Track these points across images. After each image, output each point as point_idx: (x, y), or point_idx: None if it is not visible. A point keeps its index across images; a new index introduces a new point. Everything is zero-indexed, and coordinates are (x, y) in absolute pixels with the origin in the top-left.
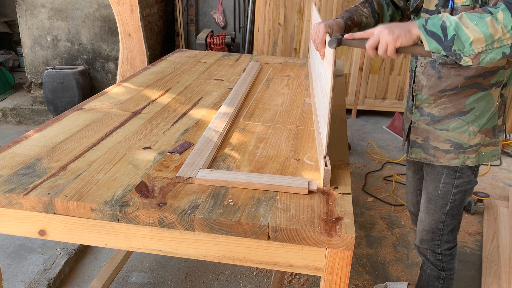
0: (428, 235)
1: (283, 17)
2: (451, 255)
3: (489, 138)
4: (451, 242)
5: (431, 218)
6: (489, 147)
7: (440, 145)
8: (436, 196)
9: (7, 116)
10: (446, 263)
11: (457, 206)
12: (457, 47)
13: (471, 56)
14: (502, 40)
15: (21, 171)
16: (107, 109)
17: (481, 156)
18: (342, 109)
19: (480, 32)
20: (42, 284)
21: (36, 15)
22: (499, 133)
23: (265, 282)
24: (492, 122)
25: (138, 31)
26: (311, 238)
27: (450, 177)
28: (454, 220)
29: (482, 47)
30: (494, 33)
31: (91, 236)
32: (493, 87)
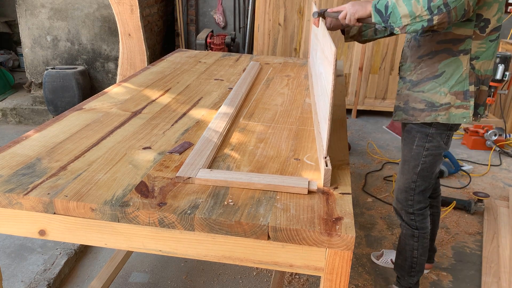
0: (402, 194)
1: (283, 17)
2: (422, 215)
3: (460, 101)
4: (422, 203)
5: (405, 177)
6: (460, 109)
7: (417, 105)
8: (409, 157)
9: (7, 116)
10: (419, 222)
11: (427, 168)
12: (392, 20)
13: (400, 27)
14: (421, 16)
15: (21, 171)
16: (107, 109)
17: (452, 116)
18: (342, 109)
19: (407, 10)
20: (42, 284)
21: (36, 15)
22: (471, 98)
23: (265, 282)
24: (462, 86)
25: (138, 31)
26: (311, 238)
27: (422, 140)
28: (424, 181)
29: (407, 21)
30: (415, 11)
31: (91, 236)
32: (461, 53)
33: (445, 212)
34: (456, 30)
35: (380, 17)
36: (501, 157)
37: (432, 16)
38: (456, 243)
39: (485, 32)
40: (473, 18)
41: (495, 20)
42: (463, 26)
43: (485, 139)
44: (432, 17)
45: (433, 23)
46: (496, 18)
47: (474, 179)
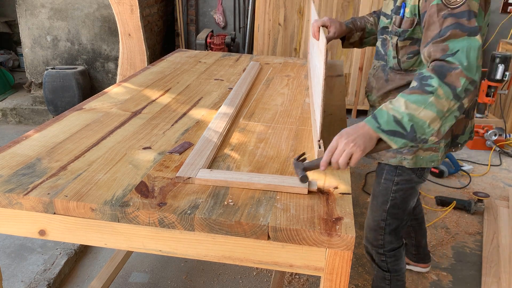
0: (372, 233)
1: (283, 17)
2: (395, 256)
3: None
4: (394, 243)
5: (374, 215)
6: (428, 152)
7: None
8: (378, 192)
9: (7, 116)
10: (391, 264)
11: (398, 205)
12: (420, 133)
13: (434, 134)
14: (451, 109)
15: (21, 171)
16: (107, 109)
17: (419, 159)
18: (342, 109)
19: (432, 112)
20: (42, 284)
21: (36, 15)
22: (441, 140)
23: (265, 282)
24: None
25: (138, 31)
26: (311, 238)
27: (390, 173)
28: (396, 219)
29: (438, 123)
30: (442, 108)
31: (91, 236)
32: None
33: (445, 212)
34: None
35: (403, 137)
36: (501, 157)
37: (461, 101)
38: (456, 243)
39: None
40: None
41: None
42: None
43: (485, 139)
44: (462, 103)
45: (464, 107)
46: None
47: (474, 179)
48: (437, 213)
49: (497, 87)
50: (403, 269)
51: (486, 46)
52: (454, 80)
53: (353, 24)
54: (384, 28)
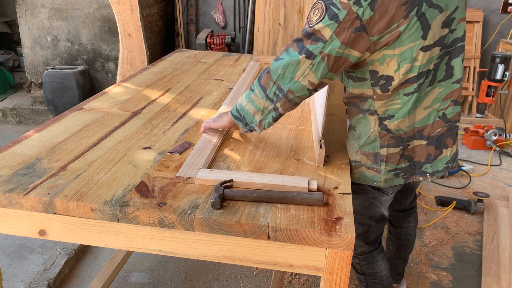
0: None
1: (283, 17)
2: (366, 260)
3: (370, 162)
4: (363, 247)
5: None
6: (371, 171)
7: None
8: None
9: (7, 116)
10: (365, 268)
11: (359, 211)
12: (249, 121)
13: (257, 125)
14: (267, 107)
15: (21, 171)
16: (107, 109)
17: (362, 176)
18: (342, 109)
19: (253, 107)
20: (42, 284)
21: (36, 15)
22: (382, 163)
23: (265, 282)
24: (373, 147)
25: (138, 31)
26: (311, 238)
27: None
28: (360, 225)
29: (260, 117)
30: (259, 105)
31: (91, 236)
32: (366, 112)
33: (445, 212)
34: (354, 89)
35: (240, 121)
36: (501, 157)
37: (274, 103)
38: (456, 243)
39: (388, 90)
40: (366, 76)
41: (400, 75)
42: (358, 86)
43: (485, 139)
44: (275, 106)
45: (279, 111)
46: (401, 72)
47: (474, 179)
48: (437, 213)
49: (497, 87)
50: (380, 273)
51: (486, 46)
52: (266, 83)
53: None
54: None
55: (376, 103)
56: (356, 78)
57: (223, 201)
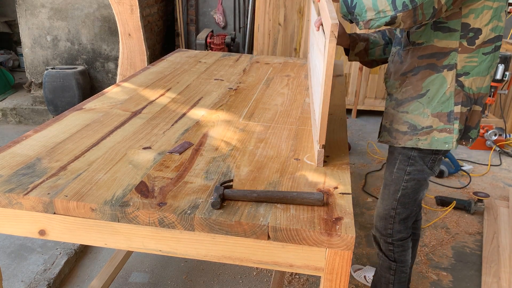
0: (381, 222)
1: (283, 17)
2: (402, 246)
3: (443, 124)
4: (403, 233)
5: (385, 204)
6: (443, 133)
7: (400, 127)
8: (390, 181)
9: (7, 116)
10: (398, 254)
11: (409, 195)
12: (357, 12)
13: (364, 22)
14: (385, 11)
15: (21, 171)
16: (107, 109)
17: (434, 141)
18: (342, 109)
19: (371, 3)
20: (42, 284)
21: (36, 15)
22: (455, 121)
23: (265, 282)
24: (446, 107)
25: (138, 31)
26: (311, 238)
27: (403, 163)
28: (406, 209)
29: (372, 16)
30: (380, 5)
31: (91, 236)
32: (445, 69)
33: (445, 212)
34: (439, 42)
35: (346, 8)
36: (501, 157)
37: (396, 12)
38: (456, 243)
39: (474, 44)
40: (457, 28)
41: (487, 30)
42: (446, 37)
43: (485, 139)
44: (395, 14)
45: (396, 20)
46: (489, 27)
47: (474, 179)
48: (437, 213)
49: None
50: (408, 261)
51: None
52: None
53: (357, 35)
54: None
55: (459, 56)
56: (447, 29)
57: (223, 201)
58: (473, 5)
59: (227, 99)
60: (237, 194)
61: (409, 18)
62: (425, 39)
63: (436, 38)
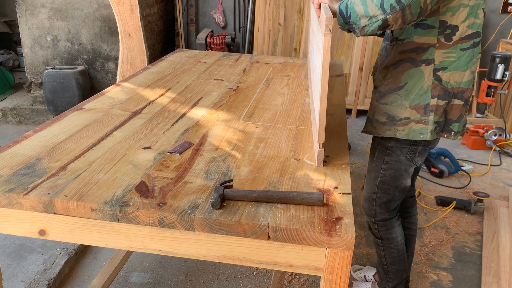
0: (366, 203)
1: (283, 17)
2: (385, 226)
3: (420, 115)
4: (385, 214)
5: (368, 187)
6: (419, 124)
7: (380, 118)
8: (371, 168)
9: (7, 116)
10: (383, 232)
11: (388, 182)
12: (352, 21)
13: (359, 29)
14: (376, 16)
15: (21, 171)
16: (107, 109)
17: (411, 131)
18: (342, 109)
19: (363, 10)
20: (42, 284)
21: (36, 15)
22: (431, 113)
23: (265, 282)
24: (423, 99)
25: (138, 31)
26: (311, 238)
27: (382, 153)
28: (386, 194)
29: (365, 22)
30: (370, 11)
31: (91, 236)
32: (423, 63)
33: (445, 212)
34: (418, 38)
35: (343, 18)
36: (501, 157)
37: (386, 15)
38: (456, 243)
39: (451, 40)
40: (435, 24)
41: (464, 26)
42: (425, 34)
43: (485, 139)
44: (385, 16)
45: (388, 23)
46: (466, 24)
47: (474, 179)
48: (437, 213)
49: (497, 87)
50: (396, 238)
51: (486, 46)
52: None
53: None
54: None
55: (437, 52)
56: (426, 26)
57: (223, 201)
58: (450, 4)
59: (227, 99)
60: (237, 194)
61: (399, 18)
62: (406, 35)
63: (416, 34)
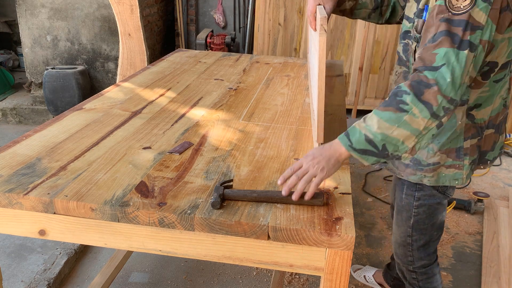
0: (400, 249)
1: (283, 17)
2: (426, 274)
3: (451, 159)
4: (424, 260)
5: (400, 230)
6: (451, 169)
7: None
8: (401, 207)
9: (7, 116)
10: (423, 282)
11: (423, 220)
12: (392, 150)
13: (408, 151)
14: (427, 127)
15: (21, 171)
16: (107, 109)
17: (442, 177)
18: (342, 109)
19: (406, 131)
20: (42, 284)
21: (36, 15)
22: (465, 157)
23: (265, 282)
24: (455, 143)
25: (138, 31)
26: (311, 238)
27: (410, 188)
28: (423, 235)
29: (413, 141)
30: (418, 127)
31: (91, 236)
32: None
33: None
34: None
35: (375, 156)
36: (501, 157)
37: (440, 119)
38: (456, 243)
39: (489, 77)
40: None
41: (503, 58)
42: None
43: None
44: (440, 121)
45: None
46: (505, 56)
47: (474, 179)
48: None
49: None
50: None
51: None
52: (430, 98)
53: None
54: (406, 32)
55: (472, 92)
56: None
57: (223, 201)
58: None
59: (227, 99)
60: (237, 194)
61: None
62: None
63: None
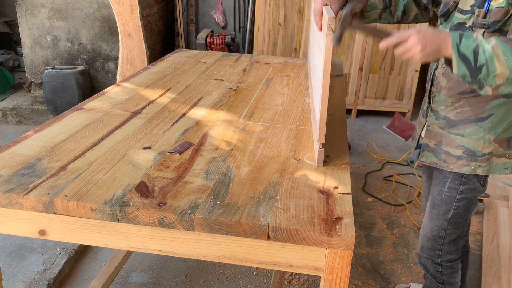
0: (429, 242)
1: (283, 17)
2: (452, 268)
3: (502, 149)
4: (453, 254)
5: (433, 224)
6: (502, 159)
7: (453, 151)
8: (439, 201)
9: (7, 116)
10: (447, 276)
11: (460, 214)
12: (483, 76)
13: (492, 86)
14: None
15: (21, 171)
16: (107, 109)
17: (492, 167)
18: (342, 109)
19: (507, 68)
20: (42, 284)
21: (36, 15)
22: None
23: (265, 282)
24: (508, 132)
25: (138, 31)
26: (311, 238)
27: (455, 182)
28: (457, 229)
29: (503, 81)
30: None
31: (91, 236)
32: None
33: None
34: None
35: (467, 68)
36: None
37: None
38: None
39: None
40: None
41: None
42: None
43: None
44: None
45: None
46: None
47: None
48: None
49: None
50: (458, 284)
51: None
52: None
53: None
54: (460, 24)
55: None
56: None
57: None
58: None
59: (227, 99)
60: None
61: None
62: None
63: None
